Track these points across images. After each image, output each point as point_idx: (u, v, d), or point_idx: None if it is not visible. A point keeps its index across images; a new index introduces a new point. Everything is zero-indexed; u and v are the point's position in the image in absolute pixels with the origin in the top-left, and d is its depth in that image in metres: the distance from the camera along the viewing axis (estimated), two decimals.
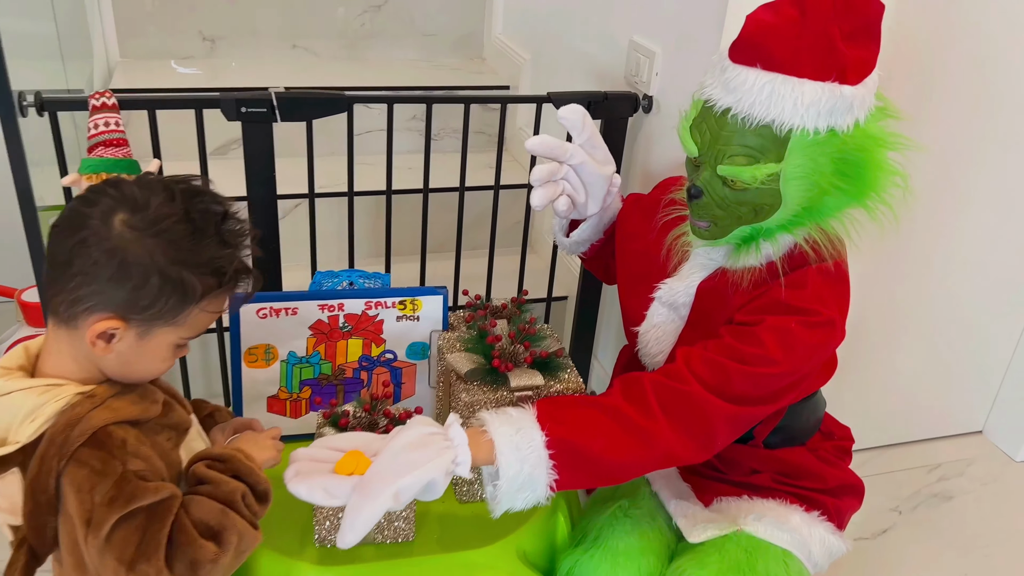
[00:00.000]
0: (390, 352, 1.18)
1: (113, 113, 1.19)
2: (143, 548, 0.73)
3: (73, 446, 0.73)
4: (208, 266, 0.77)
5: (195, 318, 0.79)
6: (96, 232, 0.74)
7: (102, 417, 0.75)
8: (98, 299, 0.75)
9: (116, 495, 0.73)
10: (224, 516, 0.78)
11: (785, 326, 0.99)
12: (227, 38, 2.21)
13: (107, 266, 0.74)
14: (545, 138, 1.11)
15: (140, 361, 0.79)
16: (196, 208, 0.77)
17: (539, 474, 0.93)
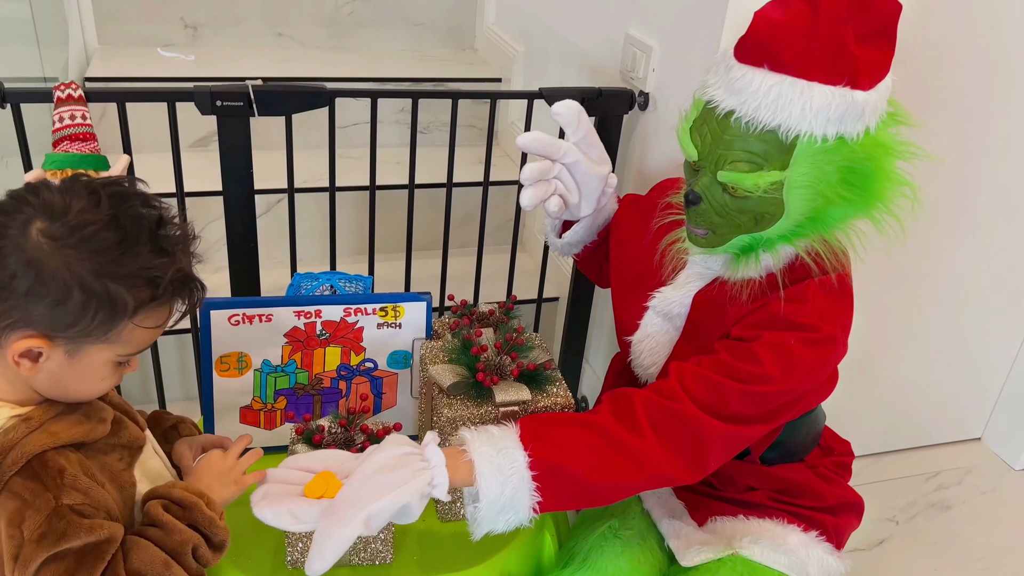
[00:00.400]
0: (370, 361, 1.13)
1: (80, 106, 1.13)
2: None
3: (6, 475, 0.68)
4: (140, 277, 0.70)
5: (130, 334, 0.72)
6: (13, 243, 0.68)
7: (39, 443, 0.69)
8: (18, 315, 0.68)
9: (47, 531, 0.67)
10: (166, 569, 0.72)
11: (784, 343, 0.94)
12: (210, 25, 2.14)
13: (24, 279, 0.67)
14: (537, 135, 1.06)
15: (74, 381, 0.73)
16: (126, 213, 0.70)
17: (521, 496, 0.87)
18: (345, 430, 0.96)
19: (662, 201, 1.10)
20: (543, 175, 1.08)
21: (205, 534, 0.75)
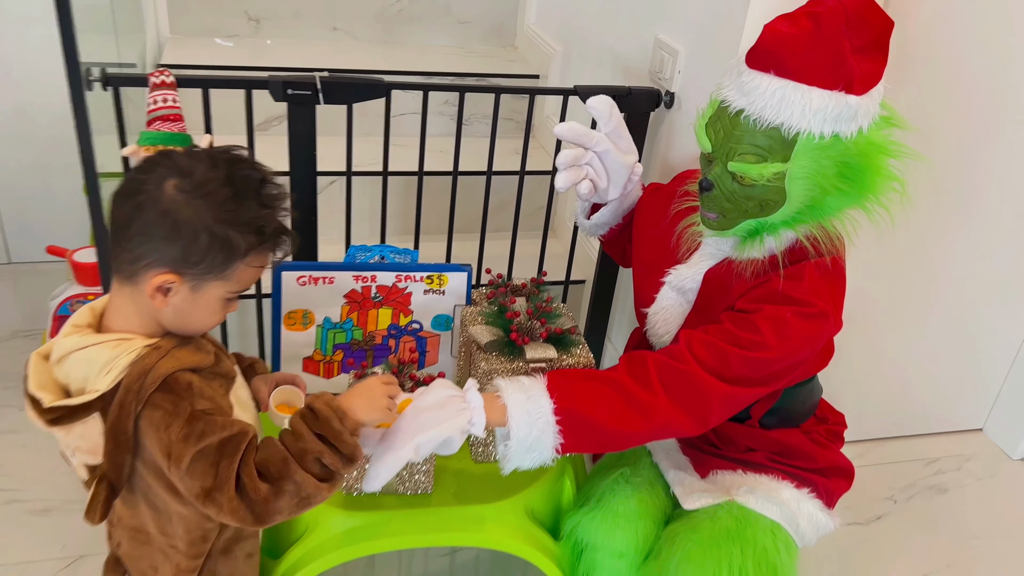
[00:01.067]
0: (416, 322, 1.28)
1: (171, 90, 1.29)
2: (218, 480, 0.84)
3: (148, 392, 0.83)
4: (250, 225, 0.85)
5: (241, 273, 0.88)
6: (151, 196, 0.83)
7: (169, 365, 0.85)
8: (155, 256, 0.84)
9: (189, 432, 0.83)
10: (285, 466, 0.86)
11: (781, 315, 1.07)
12: (271, 19, 2.30)
13: (161, 226, 0.83)
14: (573, 125, 1.20)
15: (194, 313, 0.88)
16: (237, 174, 0.86)
17: (546, 438, 1.01)
18: (396, 377, 1.11)
19: (680, 189, 1.24)
20: (576, 161, 1.23)
21: (332, 444, 0.88)
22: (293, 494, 0.86)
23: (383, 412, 0.93)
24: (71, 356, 0.85)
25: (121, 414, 0.83)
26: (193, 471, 0.83)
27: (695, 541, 1.09)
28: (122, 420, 0.83)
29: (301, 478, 0.86)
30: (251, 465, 0.85)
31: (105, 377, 0.83)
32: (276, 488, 0.85)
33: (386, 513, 1.10)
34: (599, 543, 1.15)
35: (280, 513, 0.86)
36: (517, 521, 1.14)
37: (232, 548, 0.99)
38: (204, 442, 0.83)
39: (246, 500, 0.84)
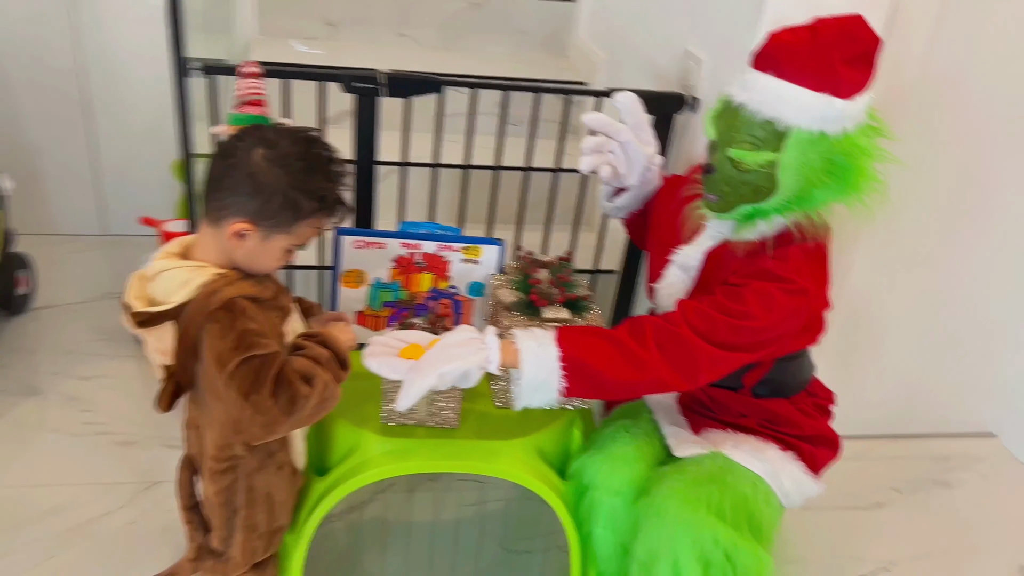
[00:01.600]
0: (454, 287, 1.47)
1: (258, 79, 1.51)
2: (256, 383, 1.04)
3: (211, 308, 1.04)
4: (315, 193, 1.06)
5: (302, 231, 1.09)
6: (242, 160, 1.04)
7: (231, 291, 1.06)
8: (237, 208, 1.05)
9: (238, 344, 1.03)
10: (314, 368, 1.08)
11: (766, 290, 1.22)
12: (346, 24, 2.54)
13: (246, 184, 1.04)
14: (601, 116, 1.39)
15: (261, 257, 1.09)
16: (311, 151, 1.07)
17: (552, 380, 1.18)
18: (432, 327, 1.31)
19: (691, 177, 1.40)
20: (599, 147, 1.41)
21: (333, 351, 1.11)
22: (320, 393, 1.07)
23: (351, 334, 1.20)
24: (160, 275, 1.07)
25: (189, 323, 1.04)
26: (237, 375, 1.03)
27: (680, 480, 1.25)
28: (189, 328, 1.05)
29: (327, 378, 1.08)
30: (292, 372, 1.07)
31: (181, 292, 1.05)
32: (312, 386, 1.06)
33: (416, 441, 1.29)
34: (598, 483, 1.32)
35: (302, 413, 1.07)
36: (527, 458, 1.32)
37: (265, 463, 1.19)
38: (248, 353, 1.04)
39: (279, 402, 1.05)
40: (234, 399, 1.05)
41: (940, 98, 1.65)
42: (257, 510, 1.21)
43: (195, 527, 1.30)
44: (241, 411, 1.05)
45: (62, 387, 1.98)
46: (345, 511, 1.74)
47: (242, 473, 1.18)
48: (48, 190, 2.53)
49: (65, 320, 2.21)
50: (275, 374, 1.05)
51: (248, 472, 1.18)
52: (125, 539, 1.60)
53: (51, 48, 2.33)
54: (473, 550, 1.69)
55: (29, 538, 1.59)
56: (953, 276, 1.92)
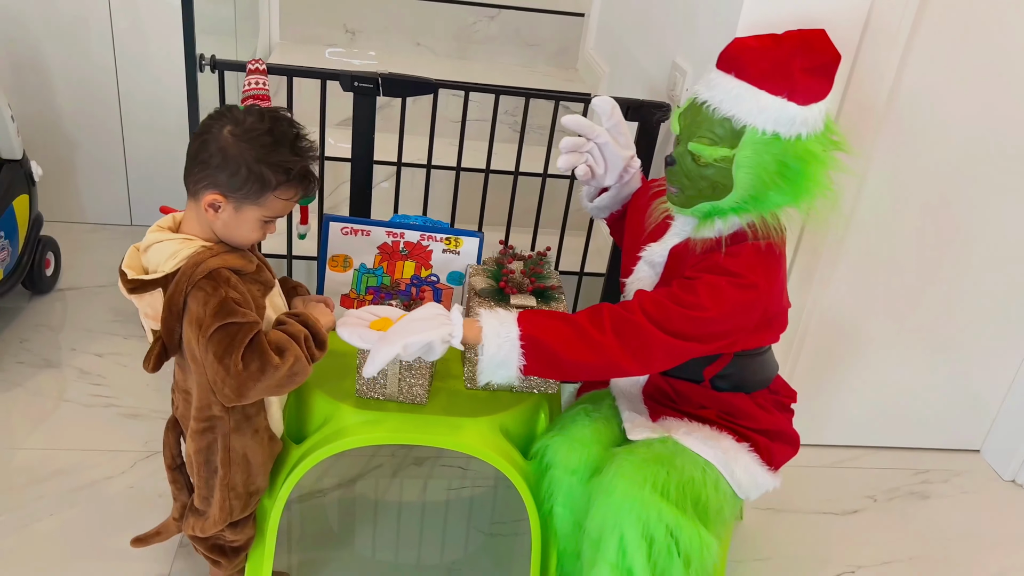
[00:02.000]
0: (434, 276, 1.56)
1: (262, 76, 1.63)
2: (229, 348, 1.14)
3: (197, 277, 1.15)
4: (280, 166, 1.15)
5: (272, 202, 1.18)
6: (213, 136, 1.15)
7: (216, 262, 1.16)
8: (209, 180, 1.15)
9: (219, 310, 1.14)
10: (288, 343, 1.18)
11: (718, 283, 1.29)
12: (365, 32, 2.67)
13: (215, 158, 1.14)
14: (578, 117, 1.47)
15: (237, 228, 1.19)
16: (277, 128, 1.16)
17: (512, 357, 1.26)
18: (406, 307, 1.40)
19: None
20: (576, 147, 1.49)
21: (311, 331, 1.20)
22: (290, 367, 1.16)
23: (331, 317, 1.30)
24: (152, 246, 1.18)
25: (176, 291, 1.15)
26: (213, 339, 1.14)
27: (629, 460, 1.31)
28: (176, 295, 1.15)
29: (298, 353, 1.16)
30: (265, 342, 1.16)
31: (170, 262, 1.16)
32: (283, 358, 1.16)
33: (387, 414, 1.38)
34: (557, 461, 1.39)
35: (271, 381, 1.16)
36: (491, 435, 1.40)
37: (242, 426, 1.29)
38: (227, 320, 1.14)
39: (249, 367, 1.14)
40: (210, 361, 1.15)
41: (916, 112, 1.71)
42: (234, 470, 1.31)
43: (179, 487, 1.41)
44: (215, 373, 1.15)
45: (78, 362, 2.11)
46: (331, 488, 1.83)
47: (220, 433, 1.27)
48: (80, 181, 2.68)
49: (86, 301, 2.35)
50: (249, 341, 1.15)
51: (225, 433, 1.27)
52: (124, 501, 1.71)
53: (92, 50, 2.49)
54: (451, 531, 1.77)
55: (37, 495, 1.70)
56: (937, 291, 1.96)
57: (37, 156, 2.34)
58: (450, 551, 1.72)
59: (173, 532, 1.45)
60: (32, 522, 1.64)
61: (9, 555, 1.57)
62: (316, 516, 1.76)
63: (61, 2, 2.41)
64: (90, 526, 1.65)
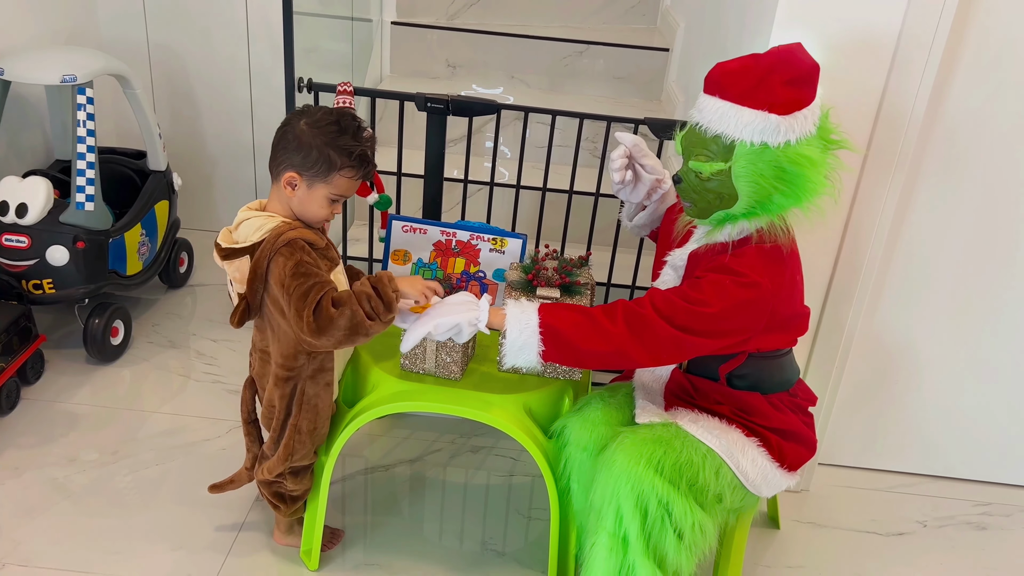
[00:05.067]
0: (482, 272, 1.76)
1: (350, 96, 1.90)
2: (306, 302, 1.37)
3: (279, 245, 1.39)
4: (344, 149, 1.40)
5: (337, 181, 1.42)
6: (291, 127, 1.41)
7: (293, 234, 1.41)
8: (287, 163, 1.41)
9: (295, 270, 1.38)
10: (348, 299, 1.39)
11: (721, 281, 1.41)
12: (465, 66, 2.93)
13: (292, 143, 1.40)
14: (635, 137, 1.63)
15: (309, 204, 1.43)
16: (343, 120, 1.41)
17: (532, 343, 1.42)
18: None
19: None
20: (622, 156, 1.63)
21: (377, 291, 1.40)
22: (349, 319, 1.37)
23: (418, 292, 1.46)
24: (243, 223, 1.44)
25: (260, 256, 1.40)
26: (292, 294, 1.37)
27: (631, 438, 1.44)
28: (260, 260, 1.40)
29: (355, 309, 1.37)
30: (328, 300, 1.38)
31: (256, 234, 1.41)
32: (340, 312, 1.37)
33: (424, 386, 1.58)
34: (571, 439, 1.54)
35: (337, 331, 1.37)
36: (516, 412, 1.56)
37: (316, 376, 1.51)
38: (302, 279, 1.37)
39: (318, 319, 1.36)
40: (293, 314, 1.39)
41: (965, 133, 1.75)
42: (304, 414, 1.53)
43: (252, 439, 1.65)
44: (296, 322, 1.38)
45: (196, 344, 2.45)
46: (393, 464, 2.04)
47: (300, 379, 1.50)
48: (216, 195, 3.08)
49: (211, 297, 2.71)
50: (320, 295, 1.38)
51: (304, 379, 1.50)
52: (216, 461, 1.99)
53: (234, 83, 2.88)
54: (493, 512, 1.92)
55: (149, 448, 2.01)
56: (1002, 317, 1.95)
57: (181, 171, 2.73)
58: (489, 529, 1.87)
59: (245, 480, 1.69)
60: (141, 468, 1.95)
61: (122, 492, 1.87)
62: (377, 487, 1.97)
63: (215, 45, 2.81)
64: (186, 477, 1.93)
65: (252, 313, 1.48)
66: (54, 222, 2.12)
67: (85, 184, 2.14)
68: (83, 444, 2.01)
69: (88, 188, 2.14)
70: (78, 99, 2.12)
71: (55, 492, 1.86)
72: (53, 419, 2.08)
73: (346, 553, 1.76)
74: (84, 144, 2.13)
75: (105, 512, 1.82)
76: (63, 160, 2.46)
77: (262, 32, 2.78)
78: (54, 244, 2.11)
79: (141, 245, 2.40)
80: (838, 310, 1.88)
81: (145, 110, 2.41)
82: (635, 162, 1.66)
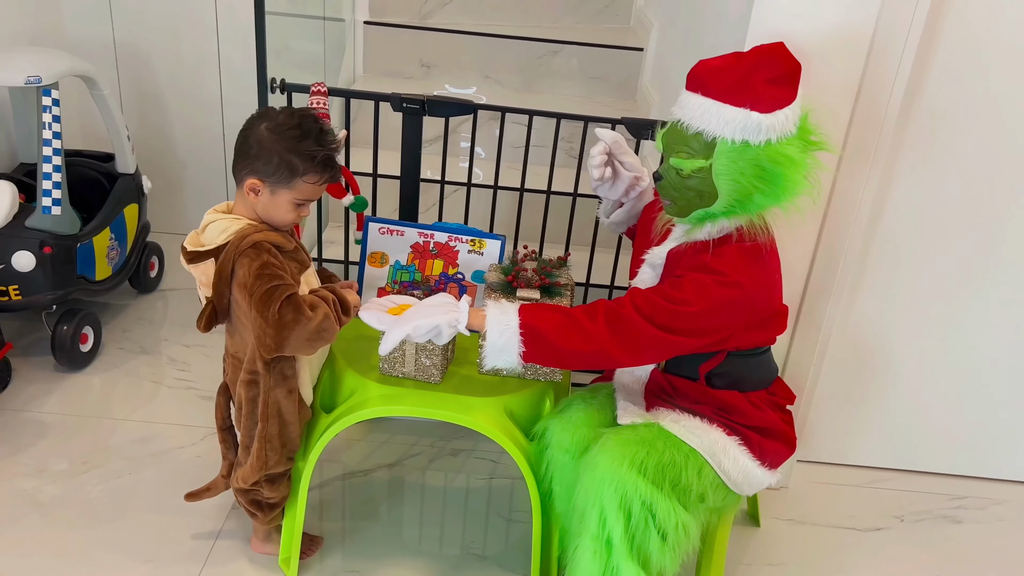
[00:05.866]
0: (460, 274, 1.74)
1: (324, 96, 1.87)
2: (268, 302, 1.35)
3: (243, 248, 1.37)
4: (305, 154, 1.37)
5: (301, 187, 1.39)
6: (253, 132, 1.38)
7: (259, 236, 1.38)
8: (249, 168, 1.38)
9: (260, 273, 1.35)
10: (319, 303, 1.38)
11: (702, 280, 1.41)
12: (438, 65, 2.91)
13: (253, 148, 1.37)
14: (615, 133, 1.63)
15: (274, 209, 1.41)
16: (305, 123, 1.38)
17: (512, 344, 1.41)
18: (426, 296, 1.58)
19: None
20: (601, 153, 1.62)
21: (337, 297, 1.40)
22: (319, 322, 1.36)
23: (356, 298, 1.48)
24: (208, 225, 1.41)
25: (225, 259, 1.37)
26: (255, 295, 1.34)
27: (613, 440, 1.43)
28: (225, 263, 1.37)
29: (326, 311, 1.36)
30: (301, 299, 1.36)
31: (221, 236, 1.38)
32: (314, 312, 1.35)
33: (404, 389, 1.56)
34: (552, 441, 1.53)
35: (303, 332, 1.36)
36: (496, 414, 1.54)
37: (279, 383, 1.48)
38: (266, 281, 1.35)
39: (283, 319, 1.35)
40: (254, 316, 1.36)
41: (940, 129, 1.77)
42: (271, 423, 1.50)
43: (228, 446, 1.62)
44: (258, 326, 1.36)
45: (168, 350, 2.40)
46: (372, 470, 2.01)
47: (262, 388, 1.48)
48: (186, 197, 3.03)
49: (182, 301, 2.66)
50: (285, 297, 1.35)
51: (267, 388, 1.48)
52: (191, 468, 1.95)
53: (204, 83, 2.83)
54: (473, 515, 1.91)
55: (122, 456, 1.97)
56: (976, 312, 1.97)
57: (150, 174, 2.68)
58: (470, 532, 1.86)
59: (222, 488, 1.66)
60: (113, 478, 1.90)
61: (94, 502, 1.83)
62: (355, 493, 1.94)
63: (182, 44, 2.76)
64: (160, 486, 1.89)
65: (220, 317, 1.45)
66: (19, 227, 2.07)
67: (52, 188, 2.09)
68: (52, 454, 1.96)
69: (55, 192, 2.09)
70: (43, 101, 2.07)
71: (24, 504, 1.81)
72: (21, 429, 2.03)
73: (325, 560, 1.74)
74: (50, 147, 2.08)
75: (76, 524, 1.77)
76: (28, 163, 2.40)
77: (231, 31, 2.74)
78: (20, 249, 2.06)
79: (111, 250, 2.35)
80: (815, 307, 1.89)
81: (113, 112, 2.36)
82: (614, 159, 1.65)
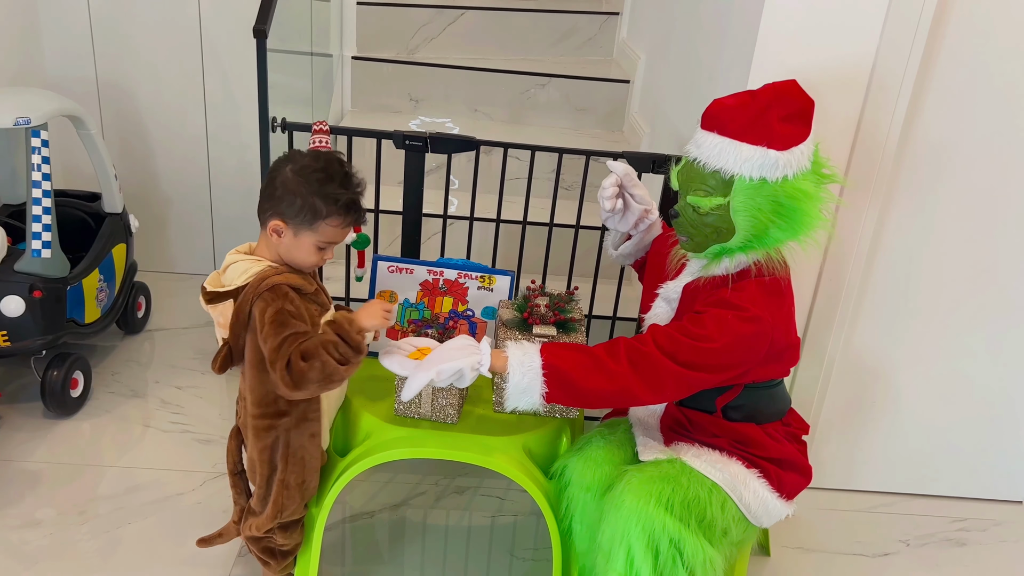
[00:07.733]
0: (470, 310, 1.73)
1: (326, 135, 1.86)
2: (279, 354, 1.32)
3: (262, 290, 1.34)
4: (329, 197, 1.36)
5: (324, 229, 1.38)
6: (279, 174, 1.37)
7: (279, 279, 1.36)
8: (274, 211, 1.37)
9: (275, 318, 1.33)
10: (316, 350, 1.34)
11: (723, 316, 1.41)
12: (427, 100, 2.92)
13: (278, 191, 1.36)
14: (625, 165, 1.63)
15: (296, 251, 1.39)
16: (331, 167, 1.37)
17: (534, 385, 1.40)
18: (440, 336, 1.56)
19: None
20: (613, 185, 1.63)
21: (342, 337, 1.36)
22: (320, 370, 1.32)
23: (380, 320, 1.41)
24: (230, 266, 1.39)
25: (244, 300, 1.35)
26: (267, 344, 1.32)
27: (638, 478, 1.42)
28: (243, 304, 1.35)
29: (325, 359, 1.32)
30: (297, 351, 1.32)
31: (241, 277, 1.36)
32: (310, 364, 1.32)
33: (420, 431, 1.53)
34: (573, 479, 1.51)
35: (311, 383, 1.32)
36: (515, 454, 1.53)
37: (300, 426, 1.46)
38: (281, 327, 1.32)
39: (291, 373, 1.31)
40: (268, 363, 1.34)
41: (938, 159, 1.81)
42: (292, 468, 1.47)
43: (239, 491, 1.58)
44: (272, 373, 1.33)
45: (161, 393, 2.34)
46: (378, 511, 1.98)
47: (282, 430, 1.44)
48: (172, 235, 2.98)
49: (171, 341, 2.60)
50: (291, 349, 1.33)
51: (287, 429, 1.44)
52: (193, 515, 1.90)
53: (188, 121, 2.80)
54: (481, 553, 1.88)
55: (118, 506, 1.91)
56: (975, 336, 2.01)
57: (135, 212, 2.63)
58: (479, 571, 1.83)
59: (233, 534, 1.62)
60: (113, 528, 1.84)
61: (92, 555, 1.77)
62: (362, 534, 1.91)
63: (165, 81, 2.74)
64: (162, 534, 1.84)
65: (236, 359, 1.42)
66: (8, 271, 2.02)
67: (41, 230, 2.04)
68: (43, 504, 1.90)
69: (45, 234, 2.05)
70: (32, 142, 2.03)
71: (11, 559, 1.74)
72: (9, 479, 1.96)
73: None
74: (40, 188, 2.03)
75: None
76: (12, 205, 2.35)
77: (213, 66, 2.72)
78: (9, 294, 2.01)
79: (99, 291, 2.30)
80: (819, 337, 1.92)
81: (100, 151, 2.32)
82: (625, 191, 1.66)
